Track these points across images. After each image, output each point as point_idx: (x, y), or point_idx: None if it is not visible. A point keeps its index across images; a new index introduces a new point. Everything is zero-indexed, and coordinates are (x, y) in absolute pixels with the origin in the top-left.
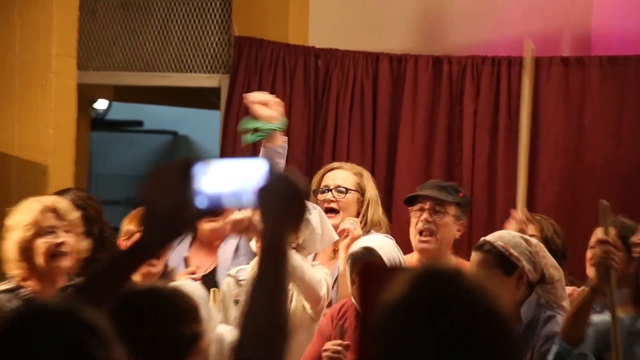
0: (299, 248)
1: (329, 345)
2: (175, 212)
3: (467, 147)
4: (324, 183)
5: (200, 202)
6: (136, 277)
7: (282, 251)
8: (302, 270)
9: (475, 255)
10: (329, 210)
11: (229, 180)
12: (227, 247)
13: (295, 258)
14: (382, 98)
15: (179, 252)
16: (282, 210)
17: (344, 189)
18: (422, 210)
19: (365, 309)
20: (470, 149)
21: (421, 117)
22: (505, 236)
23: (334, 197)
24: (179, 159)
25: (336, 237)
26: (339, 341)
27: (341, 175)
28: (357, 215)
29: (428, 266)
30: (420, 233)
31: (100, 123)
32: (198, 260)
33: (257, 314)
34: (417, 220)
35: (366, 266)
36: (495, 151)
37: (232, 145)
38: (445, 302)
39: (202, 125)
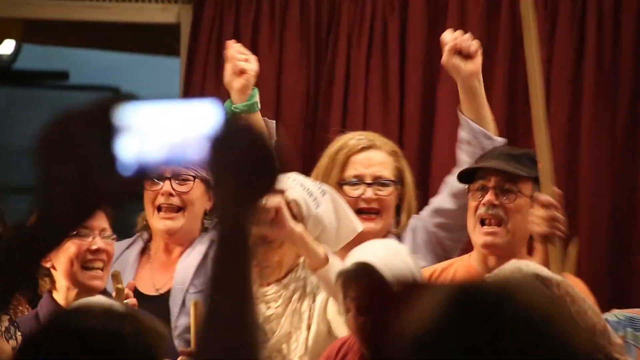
0: None
1: None
2: (85, 181)
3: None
4: (351, 171)
5: (124, 167)
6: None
7: (244, 236)
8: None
9: None
10: (365, 212)
11: (166, 133)
12: (191, 257)
13: (337, 264)
14: (413, 40)
15: (126, 256)
16: (243, 177)
17: (387, 181)
18: (484, 189)
19: (371, 344)
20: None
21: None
22: (510, 276)
23: (375, 194)
24: (92, 101)
25: (359, 228)
26: None
27: (378, 159)
28: (395, 213)
29: (465, 285)
30: (482, 222)
31: (5, 74)
32: (154, 273)
33: (215, 333)
34: (476, 203)
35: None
36: (579, 111)
37: None
38: (491, 339)
39: (153, 78)
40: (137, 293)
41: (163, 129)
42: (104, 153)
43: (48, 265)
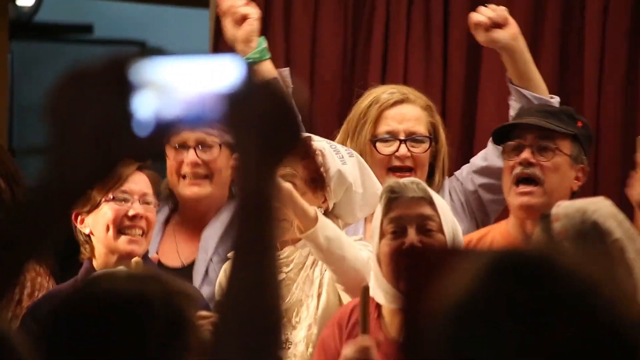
0: (327, 216)
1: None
2: (101, 139)
3: (592, 65)
4: (384, 126)
5: (141, 125)
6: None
7: (268, 204)
8: (341, 245)
9: (535, 232)
10: (399, 169)
11: (184, 90)
12: (216, 226)
13: (329, 226)
14: None
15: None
16: (264, 137)
17: (421, 137)
18: (520, 148)
19: (412, 306)
20: (597, 67)
21: (521, 19)
22: (572, 215)
23: (409, 150)
24: (107, 56)
25: None
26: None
27: (412, 113)
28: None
29: (506, 250)
30: (517, 182)
31: (25, 28)
32: (179, 244)
33: (238, 303)
34: (512, 163)
35: (417, 250)
36: (636, 69)
37: None
38: (535, 304)
39: (182, 31)
40: (161, 266)
41: (181, 86)
42: (120, 110)
43: (87, 231)
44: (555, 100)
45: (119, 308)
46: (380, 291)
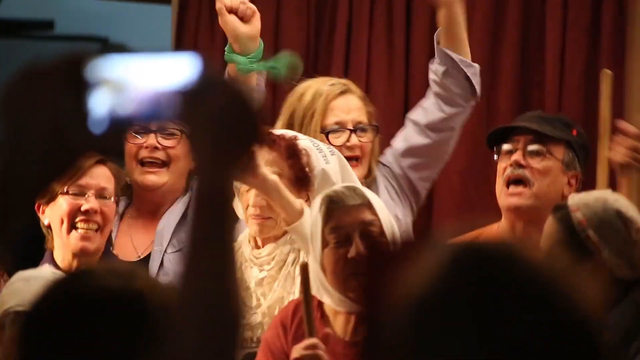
0: None
1: (299, 351)
2: (56, 136)
3: (552, 58)
4: (332, 117)
5: (96, 123)
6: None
7: (223, 200)
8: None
9: (548, 223)
10: (349, 159)
11: (140, 86)
12: (170, 217)
13: (309, 219)
14: None
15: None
16: (223, 134)
17: (367, 127)
18: (512, 151)
19: (371, 305)
20: (557, 60)
21: (481, 12)
22: (592, 205)
23: (359, 140)
24: (62, 54)
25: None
26: (312, 340)
27: (355, 104)
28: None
29: (468, 244)
30: (508, 184)
31: None
32: (134, 236)
33: (194, 301)
34: (504, 165)
35: (373, 241)
36: (595, 64)
37: None
38: (496, 299)
39: (144, 27)
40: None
41: (137, 83)
42: (75, 108)
43: (46, 222)
44: (477, 67)
45: (107, 305)
46: (326, 295)
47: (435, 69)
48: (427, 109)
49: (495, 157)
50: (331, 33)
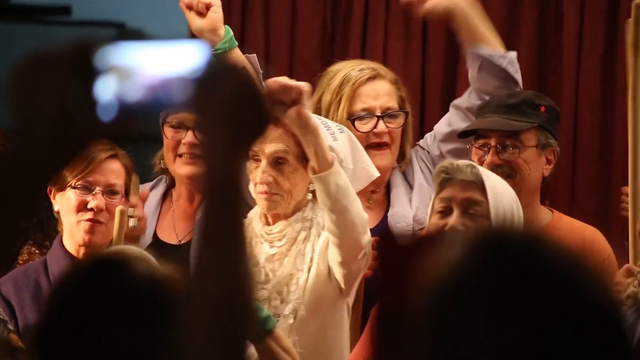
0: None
1: None
2: (63, 124)
3: (570, 45)
4: (359, 104)
5: (104, 109)
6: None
7: (234, 188)
8: (348, 196)
9: None
10: (377, 145)
11: (149, 74)
12: None
13: (342, 175)
14: None
15: (149, 199)
16: (230, 121)
17: (397, 112)
18: (486, 148)
19: (387, 290)
20: (575, 47)
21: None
22: None
23: (387, 127)
24: (69, 41)
25: (377, 174)
26: None
27: (384, 89)
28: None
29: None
30: None
31: (2, 9)
32: (176, 221)
33: (205, 289)
34: (479, 162)
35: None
36: (614, 50)
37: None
38: (518, 286)
39: (160, 13)
40: (159, 242)
41: (146, 70)
42: (84, 93)
43: (56, 208)
44: (511, 55)
45: (134, 292)
46: None
47: (470, 65)
48: (470, 98)
49: (469, 147)
50: (347, 17)
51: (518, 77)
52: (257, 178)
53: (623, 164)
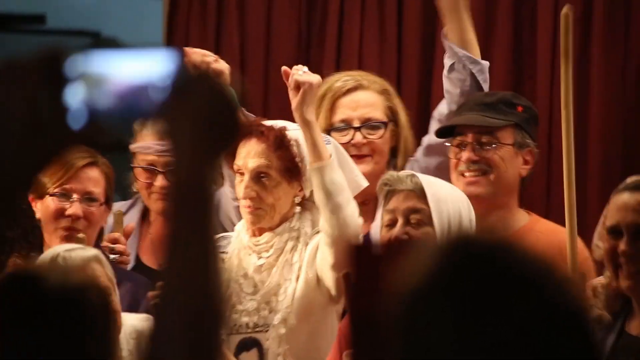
0: (305, 204)
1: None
2: (33, 132)
3: (544, 48)
4: (338, 115)
5: (75, 118)
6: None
7: (204, 196)
8: (342, 194)
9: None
10: (356, 157)
11: (119, 82)
12: None
13: (338, 172)
14: None
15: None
16: (201, 129)
17: (377, 123)
18: (462, 145)
19: (357, 298)
20: (549, 50)
21: (472, 4)
22: None
23: (365, 137)
24: (41, 49)
25: (364, 184)
26: None
27: (366, 100)
28: (390, 156)
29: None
30: (463, 174)
31: None
32: (155, 245)
33: (175, 298)
34: (456, 161)
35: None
36: (588, 55)
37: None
38: (487, 292)
39: (135, 21)
40: (141, 266)
41: (117, 77)
42: (54, 101)
43: (38, 216)
44: (484, 64)
45: (52, 301)
46: None
47: (445, 63)
48: (440, 107)
49: (448, 145)
50: (323, 23)
51: (485, 87)
52: (240, 193)
53: (598, 168)
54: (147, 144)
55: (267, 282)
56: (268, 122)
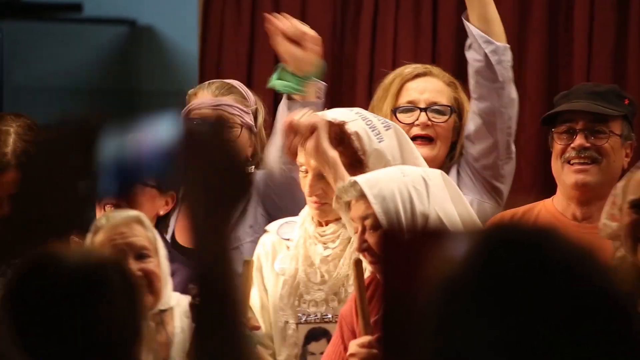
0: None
1: (354, 347)
2: (71, 210)
3: (580, 40)
4: (405, 97)
5: (106, 187)
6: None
7: (225, 271)
8: None
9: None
10: (420, 138)
11: (142, 146)
12: None
13: None
14: None
15: None
16: (211, 194)
17: (442, 108)
18: (571, 132)
19: (391, 287)
20: (585, 42)
21: None
22: None
23: (430, 120)
24: (77, 117)
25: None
26: (367, 338)
27: (433, 86)
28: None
29: (503, 226)
30: (570, 162)
31: (12, 7)
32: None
33: None
34: (563, 146)
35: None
36: (625, 45)
37: (216, 42)
38: (527, 281)
39: (172, 9)
40: (175, 244)
41: (139, 142)
42: (87, 166)
43: None
44: (499, 46)
45: (77, 279)
46: None
47: (466, 43)
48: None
49: (551, 137)
50: (357, 14)
51: (499, 69)
52: (305, 189)
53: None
54: (200, 100)
55: (334, 273)
56: (328, 117)
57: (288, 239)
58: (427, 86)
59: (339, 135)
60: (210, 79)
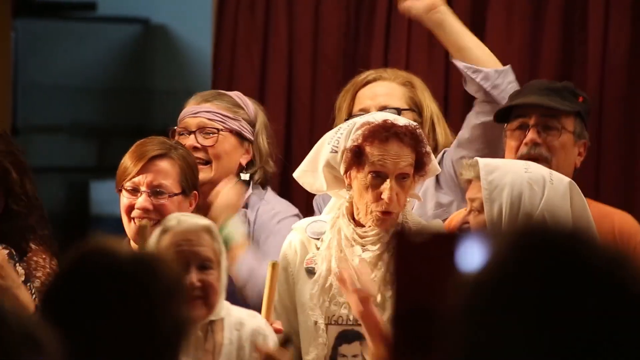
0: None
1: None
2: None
3: (595, 38)
4: (358, 105)
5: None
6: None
7: None
8: None
9: None
10: None
11: None
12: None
13: None
14: None
15: None
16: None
17: (394, 110)
18: (524, 127)
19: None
20: (600, 40)
21: None
22: None
23: None
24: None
25: None
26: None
27: (383, 90)
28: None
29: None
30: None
31: (27, 5)
32: None
33: None
34: (517, 143)
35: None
36: (639, 43)
37: (230, 41)
38: (560, 283)
39: (185, 8)
40: None
41: None
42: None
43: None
44: (488, 72)
45: (123, 273)
46: None
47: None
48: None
49: (505, 133)
50: (371, 13)
51: (496, 93)
52: (385, 195)
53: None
54: (184, 111)
55: (373, 275)
56: (401, 122)
57: (317, 238)
58: (377, 91)
59: (414, 136)
60: (223, 77)
